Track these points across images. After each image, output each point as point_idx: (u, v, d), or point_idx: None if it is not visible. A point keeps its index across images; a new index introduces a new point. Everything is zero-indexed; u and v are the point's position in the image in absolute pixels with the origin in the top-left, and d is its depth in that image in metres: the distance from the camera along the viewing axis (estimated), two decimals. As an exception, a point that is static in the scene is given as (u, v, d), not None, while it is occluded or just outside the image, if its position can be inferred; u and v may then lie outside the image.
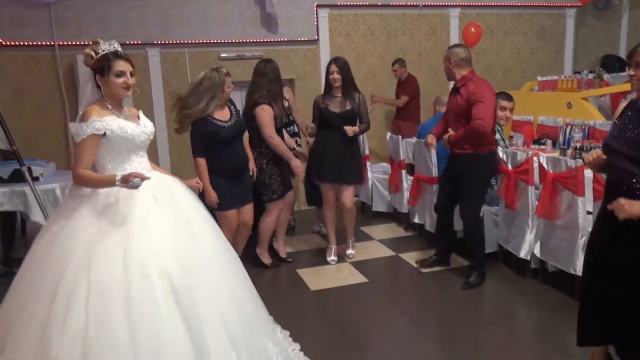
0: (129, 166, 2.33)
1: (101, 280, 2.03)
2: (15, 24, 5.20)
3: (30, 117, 5.36)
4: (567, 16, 7.04)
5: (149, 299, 2.04)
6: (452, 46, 3.79)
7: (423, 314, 3.41)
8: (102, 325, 1.98)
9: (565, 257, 3.38)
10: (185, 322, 2.08)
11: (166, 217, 2.26)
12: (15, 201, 3.93)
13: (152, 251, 2.13)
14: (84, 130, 2.22)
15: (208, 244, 2.37)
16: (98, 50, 2.29)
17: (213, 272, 2.29)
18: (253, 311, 2.46)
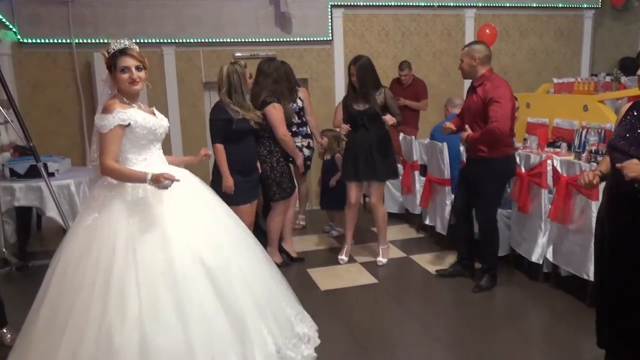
0: (150, 157, 2.46)
1: (147, 270, 2.19)
2: (33, 22, 5.28)
3: (47, 114, 5.45)
4: (584, 17, 6.95)
5: (190, 285, 2.23)
6: (472, 43, 3.65)
7: (433, 317, 3.39)
8: (154, 310, 2.15)
9: (578, 262, 3.35)
10: (225, 303, 2.30)
11: (190, 206, 2.43)
12: (31, 196, 4.00)
13: (185, 238, 2.31)
14: (110, 121, 2.31)
15: (230, 228, 2.59)
16: (110, 50, 2.40)
17: (238, 253, 2.51)
18: (274, 283, 2.70)
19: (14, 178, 4.08)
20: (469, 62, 3.51)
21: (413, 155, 5.00)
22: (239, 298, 2.35)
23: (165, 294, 2.18)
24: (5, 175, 4.12)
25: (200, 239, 2.35)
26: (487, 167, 3.50)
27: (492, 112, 3.35)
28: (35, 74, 5.39)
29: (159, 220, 2.29)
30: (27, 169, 4.05)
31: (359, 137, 4.07)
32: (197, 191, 2.55)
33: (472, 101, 3.53)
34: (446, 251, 4.45)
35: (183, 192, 2.40)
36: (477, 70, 3.50)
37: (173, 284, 2.20)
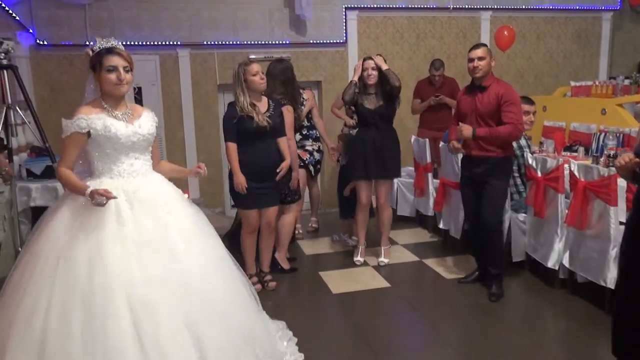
0: (117, 167, 2.30)
1: (64, 290, 2.03)
2: (51, 25, 5.35)
3: (63, 115, 5.38)
4: (603, 20, 6.84)
5: (108, 316, 2.00)
6: (481, 44, 3.64)
7: (446, 321, 3.35)
8: (60, 335, 1.98)
9: (595, 268, 3.28)
10: (145, 344, 2.01)
11: (139, 230, 2.19)
12: (47, 196, 4.06)
13: (117, 264, 2.07)
14: (68, 127, 2.23)
15: (188, 261, 2.25)
16: (94, 48, 2.28)
17: (185, 292, 2.17)
18: (239, 326, 2.34)
19: (30, 178, 4.14)
20: (489, 62, 3.49)
21: (426, 157, 4.96)
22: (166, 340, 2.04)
23: (76, 320, 1.99)
24: (22, 175, 4.18)
25: (135, 269, 2.09)
26: (499, 166, 3.50)
27: (509, 114, 3.38)
28: (53, 76, 5.46)
29: (93, 240, 2.10)
30: (43, 169, 4.12)
31: (369, 136, 4.07)
32: (162, 213, 2.26)
33: (482, 102, 3.48)
34: (461, 255, 4.40)
35: (140, 212, 2.21)
36: (491, 71, 3.53)
37: (88, 310, 1.99)
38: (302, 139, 4.66)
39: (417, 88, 5.74)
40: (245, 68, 3.50)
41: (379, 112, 4.04)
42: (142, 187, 2.30)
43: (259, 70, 3.52)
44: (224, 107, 5.93)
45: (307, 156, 4.71)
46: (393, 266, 4.28)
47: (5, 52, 3.62)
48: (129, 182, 2.30)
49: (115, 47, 2.28)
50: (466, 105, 3.60)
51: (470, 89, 3.59)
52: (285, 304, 3.57)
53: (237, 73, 3.53)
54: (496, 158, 3.47)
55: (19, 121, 4.17)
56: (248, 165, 3.53)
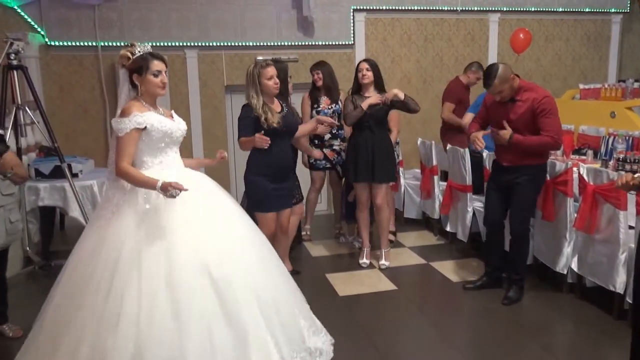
0: (165, 159, 2.47)
1: (151, 279, 2.17)
2: (61, 25, 5.38)
3: (72, 115, 5.54)
4: (612, 22, 6.80)
5: (192, 293, 2.19)
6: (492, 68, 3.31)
7: (453, 325, 3.33)
8: (152, 319, 2.13)
9: (604, 273, 3.26)
10: (227, 313, 2.23)
11: (201, 212, 2.38)
12: (55, 196, 4.07)
13: (192, 247, 2.27)
14: (126, 124, 2.34)
15: (242, 235, 2.52)
16: (134, 52, 2.42)
17: (248, 262, 2.43)
18: (287, 294, 2.62)
19: (38, 178, 4.16)
20: (510, 85, 3.30)
21: (433, 159, 4.94)
22: (243, 309, 2.28)
23: (165, 304, 2.15)
24: (30, 175, 4.20)
25: (208, 247, 2.31)
26: (532, 175, 3.43)
27: (548, 124, 3.25)
28: (62, 75, 5.49)
29: (167, 229, 2.28)
30: (51, 169, 4.13)
31: (362, 139, 4.09)
32: (210, 197, 2.51)
33: (516, 114, 3.33)
34: (468, 259, 4.39)
35: (196, 198, 2.38)
36: (515, 85, 3.35)
37: (174, 293, 2.17)
38: (330, 138, 4.67)
39: (454, 91, 5.21)
40: (260, 70, 3.41)
41: (373, 116, 4.03)
42: (190, 176, 2.49)
43: (274, 75, 3.43)
44: (231, 107, 5.94)
45: (334, 156, 4.70)
46: (400, 269, 4.27)
47: (16, 53, 3.65)
48: (178, 172, 2.46)
49: (158, 53, 2.46)
50: (498, 113, 3.44)
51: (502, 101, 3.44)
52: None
53: (251, 74, 3.42)
54: (531, 167, 3.40)
55: (28, 121, 4.19)
56: (265, 165, 3.46)
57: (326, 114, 4.64)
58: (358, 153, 4.09)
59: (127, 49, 2.44)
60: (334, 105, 4.69)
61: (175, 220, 2.29)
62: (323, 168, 4.74)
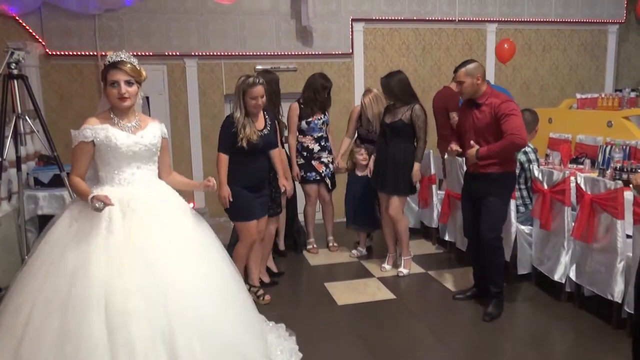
0: (118, 176, 2.36)
1: (47, 292, 2.11)
2: (61, 34, 5.41)
3: (72, 124, 5.48)
4: (609, 32, 6.85)
5: (81, 320, 2.04)
6: (467, 62, 3.49)
7: (452, 335, 3.33)
8: (36, 335, 2.05)
9: (602, 282, 3.26)
10: (117, 351, 2.03)
11: (128, 239, 2.21)
12: (54, 205, 4.08)
13: (99, 273, 2.11)
14: (75, 137, 2.33)
15: (176, 273, 2.24)
16: (105, 62, 2.36)
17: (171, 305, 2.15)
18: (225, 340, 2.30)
19: (37, 187, 4.16)
20: (472, 82, 3.38)
21: (431, 168, 4.96)
22: (138, 351, 2.05)
23: (53, 323, 2.05)
24: (29, 184, 4.21)
25: (116, 277, 2.11)
26: (498, 182, 3.40)
27: (508, 125, 3.26)
28: (62, 85, 5.51)
29: (84, 246, 2.16)
30: (50, 178, 4.14)
31: (382, 148, 4.21)
32: (157, 223, 2.29)
33: (477, 118, 3.41)
34: (466, 268, 4.37)
35: (131, 221, 2.25)
36: (480, 88, 3.40)
37: (65, 313, 2.06)
38: (319, 151, 4.69)
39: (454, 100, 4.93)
40: (247, 88, 3.42)
41: (391, 126, 4.11)
42: (139, 196, 2.34)
43: (258, 96, 3.43)
44: (230, 117, 5.98)
45: (322, 168, 4.72)
46: (398, 278, 4.27)
47: (16, 62, 3.66)
48: (128, 190, 2.35)
49: (119, 61, 2.31)
50: (465, 120, 3.53)
51: (468, 105, 3.52)
52: (290, 315, 3.55)
53: (239, 89, 3.46)
54: (494, 174, 3.38)
55: (28, 130, 4.20)
56: (243, 177, 3.50)
57: (316, 125, 4.67)
58: (379, 163, 4.26)
59: (103, 60, 2.41)
60: (324, 116, 4.72)
61: (93, 241, 2.17)
62: (313, 180, 4.74)
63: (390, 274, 4.31)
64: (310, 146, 4.69)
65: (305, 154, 4.69)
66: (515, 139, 3.25)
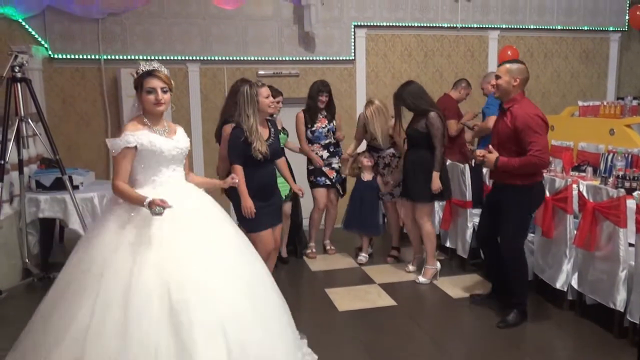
0: (159, 178, 2.47)
1: (107, 294, 2.17)
2: (64, 38, 5.43)
3: (74, 127, 5.56)
4: (611, 40, 6.87)
5: (144, 315, 2.13)
6: (514, 61, 3.45)
7: (453, 342, 3.32)
8: (99, 335, 2.10)
9: (604, 290, 3.25)
10: (180, 342, 2.12)
11: (181, 236, 2.33)
12: (56, 208, 4.08)
13: (158, 268, 2.22)
14: (117, 144, 2.40)
15: (226, 264, 2.40)
16: (138, 70, 2.46)
17: (220, 290, 2.30)
18: (275, 333, 2.44)
19: (39, 190, 4.17)
20: (509, 81, 3.28)
21: (434, 176, 4.94)
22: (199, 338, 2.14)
23: (113, 323, 2.13)
24: (31, 186, 4.21)
25: (174, 270, 2.23)
26: (517, 193, 3.31)
27: (532, 143, 3.15)
28: (65, 88, 5.52)
29: (139, 248, 2.25)
30: (52, 181, 4.14)
31: (406, 157, 4.31)
32: (201, 220, 2.44)
33: (502, 124, 3.35)
34: (467, 275, 4.38)
35: (178, 219, 2.34)
36: (513, 92, 3.31)
37: (125, 314, 2.13)
38: (329, 157, 4.70)
39: (452, 108, 5.18)
40: (257, 90, 3.41)
41: (409, 136, 4.22)
42: (181, 194, 2.48)
43: (269, 94, 3.47)
44: (232, 121, 5.98)
45: (333, 174, 4.74)
46: (399, 284, 4.26)
47: (20, 66, 3.68)
48: (170, 190, 2.45)
49: (155, 70, 2.45)
50: (494, 127, 3.49)
51: (500, 111, 3.44)
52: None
53: (249, 93, 3.39)
54: (515, 186, 3.29)
55: (30, 133, 4.21)
56: (253, 187, 3.45)
57: (321, 133, 4.68)
58: (403, 170, 4.33)
59: (133, 69, 2.49)
60: (329, 124, 4.73)
61: (149, 239, 2.27)
62: (323, 185, 4.74)
63: (390, 280, 4.30)
64: (319, 153, 4.72)
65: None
66: (537, 160, 3.16)
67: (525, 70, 3.35)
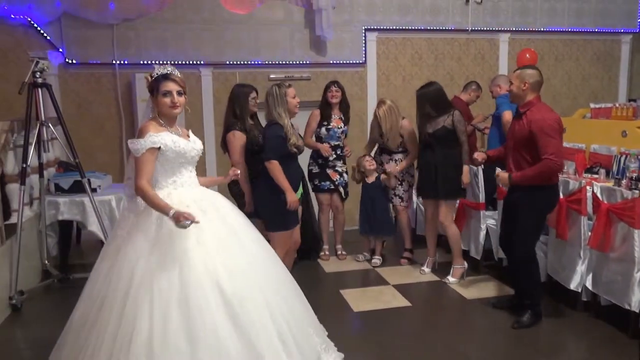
0: (179, 179, 2.51)
1: (162, 295, 2.20)
2: (80, 44, 5.52)
3: (89, 131, 5.64)
4: (622, 42, 6.86)
5: (205, 310, 2.21)
6: (526, 67, 3.52)
7: (466, 343, 3.33)
8: (166, 340, 2.15)
9: (619, 291, 3.26)
10: (240, 330, 2.24)
11: (214, 231, 2.41)
12: (74, 210, 4.15)
13: (203, 266, 2.29)
14: (142, 145, 2.40)
15: (254, 254, 2.54)
16: (153, 74, 2.50)
17: (262, 280, 2.45)
18: (300, 311, 2.65)
19: (58, 193, 4.24)
20: (519, 86, 3.36)
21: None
22: (255, 324, 2.29)
23: (177, 323, 2.17)
24: (50, 189, 4.28)
25: (218, 265, 2.32)
26: (530, 195, 3.34)
27: (545, 147, 3.19)
28: (80, 93, 5.61)
29: (178, 251, 2.29)
30: (71, 184, 4.22)
31: (426, 157, 4.31)
32: (223, 216, 2.53)
33: (517, 128, 3.38)
34: (481, 276, 4.40)
35: (209, 218, 2.42)
36: (525, 96, 3.37)
37: (186, 311, 2.19)
38: (335, 159, 4.72)
39: (464, 110, 5.16)
40: (286, 90, 3.54)
41: (435, 135, 4.21)
42: (204, 195, 2.55)
43: (295, 94, 3.62)
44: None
45: (337, 177, 4.75)
46: (413, 285, 4.29)
47: (41, 71, 3.76)
48: (192, 191, 2.53)
49: (171, 73, 2.49)
50: (510, 131, 3.53)
51: (516, 114, 3.49)
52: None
53: (279, 94, 3.51)
54: (530, 188, 3.32)
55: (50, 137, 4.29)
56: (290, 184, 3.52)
57: (335, 132, 4.70)
58: (423, 171, 4.36)
59: (148, 73, 2.54)
60: (344, 126, 4.75)
61: (187, 241, 2.31)
62: (328, 189, 4.76)
63: (404, 282, 4.32)
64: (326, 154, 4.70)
65: (320, 161, 4.73)
66: (551, 164, 3.19)
67: (536, 74, 3.40)
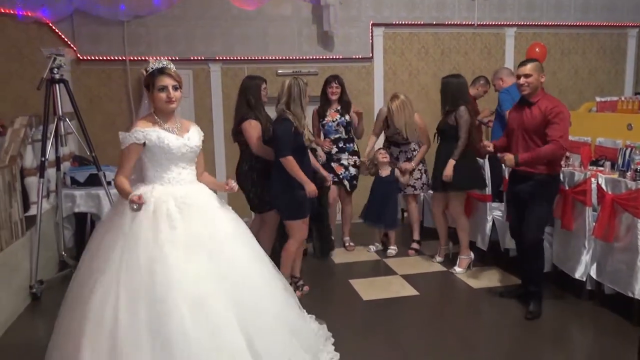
0: (167, 175, 2.51)
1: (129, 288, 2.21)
2: (91, 41, 5.62)
3: (101, 126, 5.74)
4: (628, 36, 6.89)
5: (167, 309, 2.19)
6: (531, 59, 3.59)
7: (473, 332, 3.40)
8: (129, 328, 2.16)
9: (623, 280, 3.33)
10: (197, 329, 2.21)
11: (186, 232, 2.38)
12: (90, 203, 4.26)
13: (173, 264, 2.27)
14: (126, 139, 2.43)
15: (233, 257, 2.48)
16: (148, 69, 2.50)
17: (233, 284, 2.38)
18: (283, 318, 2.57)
19: (74, 186, 4.35)
20: (537, 78, 3.43)
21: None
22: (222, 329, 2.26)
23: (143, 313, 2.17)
24: (66, 183, 4.39)
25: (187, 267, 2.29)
26: (543, 183, 3.43)
27: (553, 131, 3.31)
28: (92, 89, 5.72)
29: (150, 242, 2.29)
30: (86, 177, 4.33)
31: (438, 151, 4.40)
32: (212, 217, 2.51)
33: (528, 117, 3.45)
34: (487, 267, 4.47)
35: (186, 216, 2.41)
36: (539, 87, 3.47)
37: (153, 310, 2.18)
38: (338, 152, 4.75)
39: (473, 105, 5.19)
40: (305, 88, 3.62)
41: (440, 131, 4.35)
42: (189, 193, 2.51)
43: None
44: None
45: (342, 170, 4.77)
46: (421, 275, 4.37)
47: (58, 67, 3.86)
48: (177, 188, 2.50)
49: (166, 67, 2.48)
50: (514, 120, 3.59)
51: (520, 104, 3.57)
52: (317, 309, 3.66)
53: (300, 88, 3.59)
54: (541, 175, 3.41)
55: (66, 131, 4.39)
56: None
57: (330, 127, 4.72)
58: (435, 163, 4.41)
59: (144, 67, 2.53)
60: (341, 117, 4.69)
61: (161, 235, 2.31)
62: (333, 183, 4.75)
63: (412, 272, 4.40)
64: (327, 149, 4.72)
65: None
66: (556, 146, 3.30)
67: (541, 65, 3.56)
